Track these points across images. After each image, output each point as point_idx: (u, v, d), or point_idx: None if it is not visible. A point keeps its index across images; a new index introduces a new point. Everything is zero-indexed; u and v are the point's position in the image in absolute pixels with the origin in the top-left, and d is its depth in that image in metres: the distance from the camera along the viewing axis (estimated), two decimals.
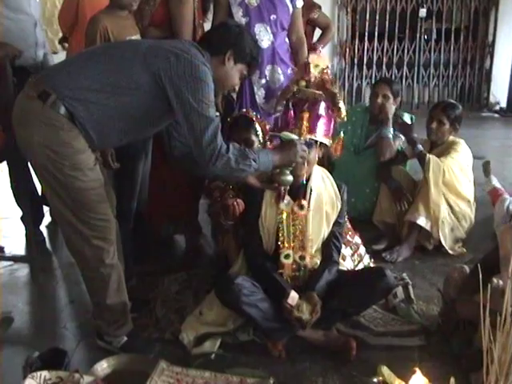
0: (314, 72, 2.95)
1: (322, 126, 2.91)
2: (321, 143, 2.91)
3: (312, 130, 2.88)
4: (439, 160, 3.76)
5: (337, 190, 2.99)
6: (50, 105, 2.36)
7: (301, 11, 3.91)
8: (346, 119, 3.02)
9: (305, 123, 2.87)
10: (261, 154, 2.57)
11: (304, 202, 2.89)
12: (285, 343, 2.81)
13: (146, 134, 2.82)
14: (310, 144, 2.81)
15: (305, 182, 2.89)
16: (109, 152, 2.93)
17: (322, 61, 2.97)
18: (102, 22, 3.19)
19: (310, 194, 2.92)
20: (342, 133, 3.06)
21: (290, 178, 2.74)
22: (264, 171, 2.67)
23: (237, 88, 2.79)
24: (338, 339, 2.83)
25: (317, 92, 2.92)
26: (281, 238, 2.89)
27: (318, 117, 2.89)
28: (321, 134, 2.91)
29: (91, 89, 2.40)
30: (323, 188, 2.97)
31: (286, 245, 2.89)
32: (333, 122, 2.97)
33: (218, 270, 3.45)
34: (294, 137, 2.72)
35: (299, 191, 2.91)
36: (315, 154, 2.88)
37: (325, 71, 2.99)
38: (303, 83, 2.97)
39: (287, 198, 2.88)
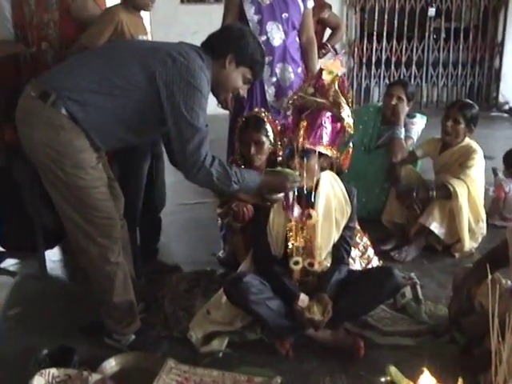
0: (327, 79, 2.80)
1: (321, 136, 2.76)
2: (321, 153, 2.80)
3: (309, 139, 2.75)
4: (461, 179, 3.73)
5: (346, 195, 2.94)
6: (50, 104, 2.39)
7: (311, 11, 3.92)
8: (352, 131, 2.84)
9: (301, 132, 2.75)
10: (246, 177, 2.58)
11: (312, 212, 2.85)
12: (292, 342, 2.82)
13: (144, 139, 2.82)
14: (307, 153, 2.75)
15: (311, 190, 2.86)
16: None
17: (336, 67, 2.82)
18: (119, 15, 3.17)
19: (319, 201, 2.88)
20: (350, 144, 2.94)
21: (280, 195, 2.74)
22: (246, 191, 2.68)
23: (242, 92, 2.75)
24: (345, 339, 2.83)
25: (319, 100, 2.77)
26: (290, 246, 2.87)
27: (319, 126, 2.76)
28: (320, 144, 2.77)
29: (89, 89, 2.42)
30: (332, 194, 2.92)
31: (295, 252, 2.87)
32: (338, 133, 2.82)
33: (226, 268, 3.46)
34: (290, 172, 2.71)
35: (307, 200, 2.87)
36: (314, 163, 2.79)
37: (339, 79, 2.81)
38: (311, 90, 2.83)
39: (296, 207, 2.86)
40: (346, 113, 2.79)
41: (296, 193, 2.83)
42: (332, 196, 2.92)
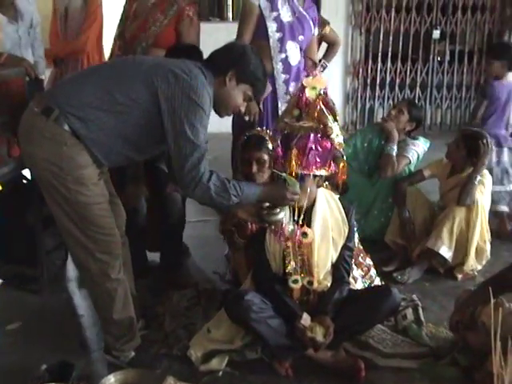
0: (311, 95, 2.81)
1: (313, 159, 2.77)
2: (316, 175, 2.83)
3: (302, 165, 2.77)
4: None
5: (344, 214, 2.94)
6: (53, 120, 2.40)
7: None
8: (342, 148, 2.86)
9: (293, 161, 2.76)
10: (245, 189, 2.56)
11: (308, 230, 2.85)
12: (291, 362, 2.80)
13: (147, 156, 2.82)
14: (302, 177, 2.76)
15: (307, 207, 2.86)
16: None
17: (319, 82, 2.83)
18: None
19: (315, 220, 2.88)
20: (344, 157, 2.94)
21: (279, 217, 2.73)
22: (249, 205, 2.69)
23: (243, 109, 2.75)
24: (346, 360, 2.81)
25: (305, 126, 2.78)
26: (287, 265, 2.87)
27: (309, 151, 2.76)
28: (313, 168, 2.78)
29: (91, 106, 2.42)
30: (329, 213, 2.92)
31: (294, 270, 2.87)
32: (330, 151, 2.81)
33: (228, 287, 3.45)
34: (293, 182, 2.68)
35: (304, 218, 2.87)
36: (308, 185, 2.81)
37: (321, 95, 2.82)
38: (296, 112, 2.84)
39: (291, 225, 2.86)
40: (335, 132, 2.79)
41: (291, 211, 2.84)
42: (329, 215, 2.92)
